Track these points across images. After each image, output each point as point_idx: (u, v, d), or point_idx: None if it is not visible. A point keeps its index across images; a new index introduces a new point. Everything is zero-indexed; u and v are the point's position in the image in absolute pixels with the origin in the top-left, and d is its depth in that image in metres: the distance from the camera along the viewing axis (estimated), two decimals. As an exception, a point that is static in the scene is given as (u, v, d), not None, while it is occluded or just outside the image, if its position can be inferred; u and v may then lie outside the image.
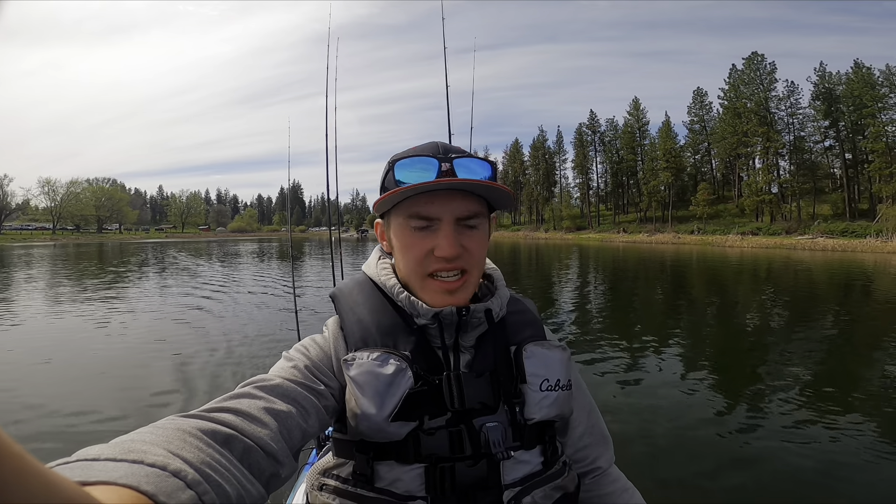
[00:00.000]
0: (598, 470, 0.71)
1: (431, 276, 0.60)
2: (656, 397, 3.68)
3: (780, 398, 3.62)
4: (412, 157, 0.60)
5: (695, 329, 6.57)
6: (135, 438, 0.35)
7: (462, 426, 0.58)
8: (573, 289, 10.96)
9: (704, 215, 40.81)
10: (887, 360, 4.83)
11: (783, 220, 36.37)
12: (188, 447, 0.35)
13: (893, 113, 32.96)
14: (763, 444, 2.87)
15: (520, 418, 0.60)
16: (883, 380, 4.19)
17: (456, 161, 0.59)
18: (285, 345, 2.76)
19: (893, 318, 6.97)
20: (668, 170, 44.34)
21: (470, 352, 0.62)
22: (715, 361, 4.83)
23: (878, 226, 28.79)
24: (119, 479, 0.27)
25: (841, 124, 35.94)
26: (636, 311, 8.13)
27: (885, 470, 2.55)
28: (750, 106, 38.99)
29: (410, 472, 0.57)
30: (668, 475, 2.51)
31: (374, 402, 0.55)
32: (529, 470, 0.60)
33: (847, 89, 34.73)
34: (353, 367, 0.57)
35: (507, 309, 0.66)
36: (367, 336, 0.61)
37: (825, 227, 32.13)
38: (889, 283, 11.60)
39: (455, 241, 0.58)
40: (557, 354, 0.64)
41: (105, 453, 0.30)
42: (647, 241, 38.24)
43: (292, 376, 0.55)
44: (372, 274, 0.68)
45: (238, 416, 0.44)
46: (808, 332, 6.20)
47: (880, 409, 3.43)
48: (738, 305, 8.73)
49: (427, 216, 0.58)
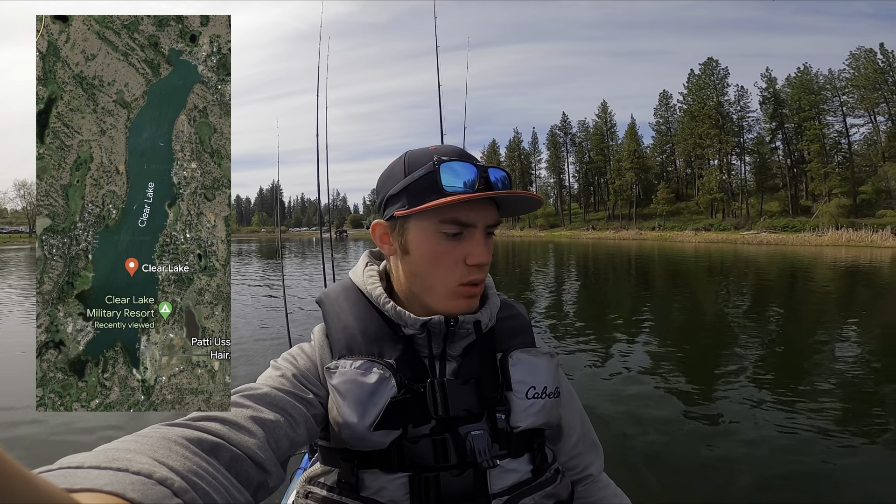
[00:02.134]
0: (590, 477, 0.71)
1: (463, 285, 0.59)
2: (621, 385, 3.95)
3: (733, 379, 4.01)
4: (458, 162, 0.57)
5: (642, 317, 7.25)
6: (119, 447, 0.34)
7: (447, 434, 0.57)
8: (544, 285, 11.62)
9: (664, 213, 43.94)
10: (810, 338, 5.64)
11: (733, 217, 39.43)
12: (174, 455, 0.35)
13: (832, 116, 36.39)
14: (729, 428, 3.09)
15: (506, 426, 0.59)
16: (815, 355, 4.84)
17: (489, 170, 0.58)
18: (277, 344, 3.67)
19: (817, 304, 8.25)
20: (633, 170, 47.24)
21: (457, 360, 0.62)
22: (665, 349, 5.20)
23: (814, 221, 31.99)
24: (104, 487, 0.27)
25: (786, 126, 39.20)
26: (588, 304, 8.84)
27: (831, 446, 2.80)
28: (705, 109, 42.01)
29: (395, 481, 0.56)
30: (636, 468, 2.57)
31: (356, 411, 0.55)
32: (518, 478, 0.59)
33: (792, 94, 37.97)
34: (336, 375, 0.57)
35: (498, 316, 0.66)
36: (351, 343, 0.60)
37: (769, 223, 35.11)
38: (801, 272, 13.86)
39: (488, 248, 0.58)
40: (544, 362, 0.64)
41: (88, 461, 0.30)
42: (612, 237, 40.80)
43: (280, 385, 0.54)
44: (358, 281, 0.67)
45: (225, 425, 0.43)
46: (736, 316, 7.19)
47: (806, 379, 3.96)
48: (675, 293, 10.03)
49: (465, 223, 0.57)
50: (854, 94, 35.03)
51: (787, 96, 38.46)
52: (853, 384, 3.96)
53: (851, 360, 4.65)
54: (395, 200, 0.59)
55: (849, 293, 9.75)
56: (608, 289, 11.32)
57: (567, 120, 57.64)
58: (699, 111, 42.46)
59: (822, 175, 35.31)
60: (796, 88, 37.39)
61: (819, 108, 36.24)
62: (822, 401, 3.54)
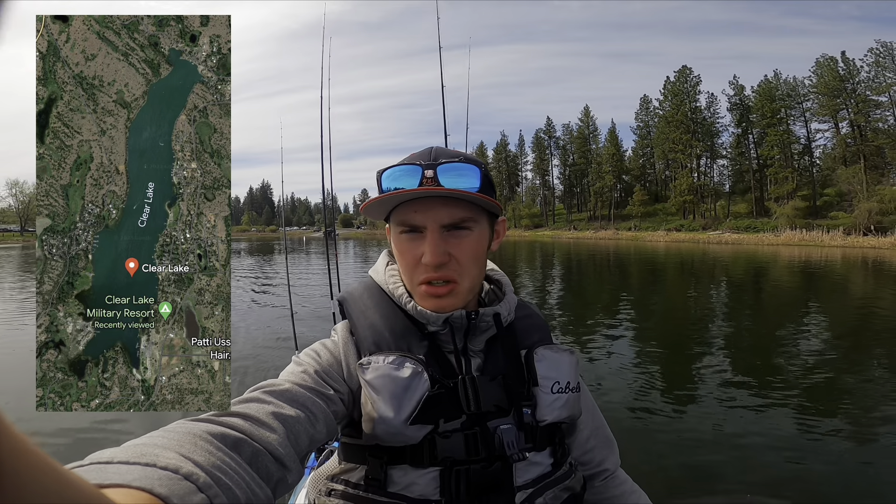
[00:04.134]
0: (606, 472, 0.73)
1: (423, 284, 0.61)
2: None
3: (700, 368, 4.38)
4: (396, 167, 0.60)
5: (601, 307, 7.96)
6: (146, 442, 0.35)
7: (477, 429, 0.59)
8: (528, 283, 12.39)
9: (640, 214, 45.96)
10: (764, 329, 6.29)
11: (702, 218, 41.38)
12: (199, 450, 0.35)
13: (798, 122, 38.49)
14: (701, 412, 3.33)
15: (531, 420, 0.61)
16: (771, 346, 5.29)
17: (440, 168, 0.58)
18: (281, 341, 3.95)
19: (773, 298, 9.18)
20: (612, 173, 49.03)
21: (480, 356, 0.64)
22: (630, 339, 5.63)
23: (773, 223, 34.06)
24: (133, 482, 0.28)
25: (753, 131, 41.16)
26: (560, 299, 9.52)
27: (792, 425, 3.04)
28: (678, 115, 43.80)
29: (425, 476, 0.57)
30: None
31: (392, 406, 0.56)
32: (541, 471, 0.61)
33: (756, 101, 39.98)
34: (370, 370, 0.58)
35: (516, 314, 0.68)
36: (380, 340, 0.61)
37: (734, 224, 37.19)
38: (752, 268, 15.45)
39: (438, 248, 0.58)
40: (566, 358, 0.66)
41: (118, 456, 0.31)
42: (591, 237, 42.49)
43: (302, 381, 0.55)
44: (380, 280, 0.68)
45: (247, 420, 0.44)
46: (686, 305, 8.12)
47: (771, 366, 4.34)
48: (630, 287, 11.17)
49: (412, 224, 0.59)
50: (816, 101, 36.95)
51: (753, 103, 40.43)
52: (796, 368, 4.43)
53: (790, 347, 5.26)
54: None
55: (788, 282, 11.24)
56: (586, 283, 12.39)
57: (551, 123, 58.66)
58: (672, 117, 44.29)
59: (781, 179, 37.61)
60: (760, 96, 39.43)
61: (780, 115, 38.41)
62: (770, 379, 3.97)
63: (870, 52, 33.40)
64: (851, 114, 34.44)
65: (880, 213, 28.64)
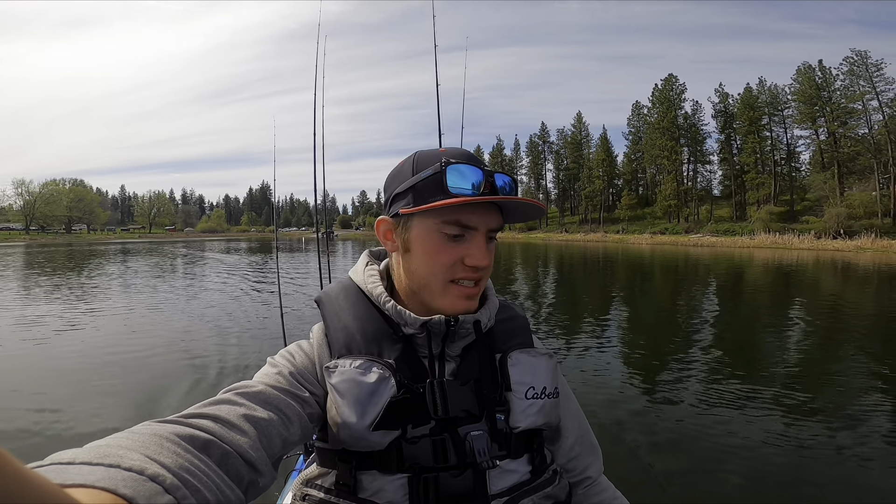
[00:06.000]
0: (589, 480, 0.71)
1: (453, 282, 0.59)
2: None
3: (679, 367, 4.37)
4: (466, 164, 0.57)
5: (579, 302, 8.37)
6: (110, 443, 0.34)
7: (446, 435, 0.57)
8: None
9: (627, 217, 47.86)
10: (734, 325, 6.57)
11: (685, 222, 43.02)
12: (165, 452, 0.35)
13: (780, 128, 40.02)
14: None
15: (505, 427, 0.60)
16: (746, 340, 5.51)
17: (495, 175, 0.58)
18: (271, 342, 4.23)
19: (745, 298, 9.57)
20: (602, 178, 50.98)
21: (456, 360, 0.62)
22: (608, 337, 5.70)
23: (750, 227, 35.58)
24: (96, 483, 0.27)
25: (737, 138, 42.76)
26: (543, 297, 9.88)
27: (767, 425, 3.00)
28: (664, 122, 45.51)
29: (394, 482, 0.56)
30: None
31: (356, 411, 0.55)
32: (517, 479, 0.60)
33: (737, 110, 41.60)
34: (335, 374, 0.57)
35: (497, 317, 0.67)
36: (351, 343, 0.60)
37: (714, 227, 38.75)
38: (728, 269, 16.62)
39: (487, 251, 0.58)
40: (543, 362, 0.65)
41: (80, 457, 0.30)
42: (580, 239, 44.03)
43: (276, 382, 0.54)
44: (359, 281, 0.66)
45: (216, 422, 0.43)
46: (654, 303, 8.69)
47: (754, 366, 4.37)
48: (601, 286, 11.98)
49: (467, 225, 0.57)
50: (796, 109, 38.33)
51: (736, 111, 42.12)
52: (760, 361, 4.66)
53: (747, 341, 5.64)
54: (400, 198, 0.60)
55: (756, 281, 12.09)
56: (576, 280, 13.22)
57: (546, 129, 60.63)
58: (658, 123, 46.10)
59: (757, 184, 39.46)
60: (742, 104, 41.15)
61: (760, 122, 40.06)
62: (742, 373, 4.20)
63: (845, 61, 34.64)
64: (826, 121, 35.66)
65: (849, 217, 29.99)
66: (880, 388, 3.81)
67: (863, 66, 33.59)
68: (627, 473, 2.44)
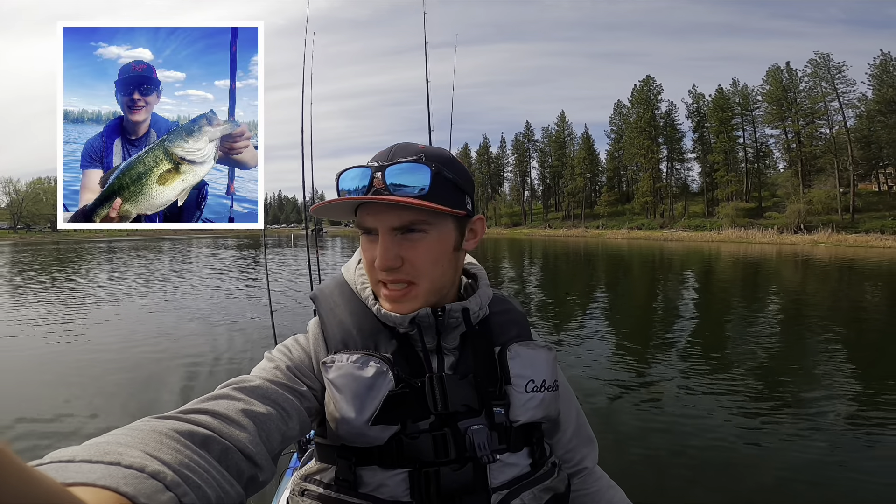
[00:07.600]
0: (584, 470, 0.73)
1: (382, 283, 0.60)
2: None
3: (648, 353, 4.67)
4: (351, 169, 0.59)
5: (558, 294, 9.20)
6: (109, 441, 0.34)
7: (446, 429, 0.57)
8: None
9: (607, 214, 49.79)
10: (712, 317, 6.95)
11: (660, 218, 44.85)
12: (165, 448, 0.35)
13: (749, 127, 41.92)
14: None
15: (505, 420, 0.60)
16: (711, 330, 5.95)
17: (388, 169, 0.56)
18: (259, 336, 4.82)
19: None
20: (583, 175, 52.61)
21: (454, 353, 0.62)
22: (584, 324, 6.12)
23: (717, 222, 37.50)
24: (97, 481, 0.27)
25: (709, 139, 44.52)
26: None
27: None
28: (641, 122, 47.14)
29: (394, 477, 0.56)
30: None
31: (354, 406, 0.55)
32: (517, 472, 0.60)
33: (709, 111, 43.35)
34: (332, 369, 0.57)
35: (491, 309, 0.66)
36: (347, 338, 0.60)
37: (685, 223, 40.65)
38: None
39: (388, 252, 0.56)
40: (543, 355, 0.65)
41: (80, 455, 0.30)
42: (562, 234, 45.91)
43: (274, 377, 0.54)
44: (349, 278, 0.67)
45: (215, 418, 0.43)
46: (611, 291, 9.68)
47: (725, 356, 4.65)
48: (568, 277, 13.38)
49: (365, 227, 0.59)
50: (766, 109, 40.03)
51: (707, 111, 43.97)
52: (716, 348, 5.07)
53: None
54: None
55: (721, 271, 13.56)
56: (560, 275, 14.11)
57: (530, 127, 62.11)
58: (637, 123, 47.73)
59: (725, 182, 41.43)
60: (713, 105, 42.95)
61: (731, 123, 41.91)
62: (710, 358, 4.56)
63: (808, 64, 36.35)
64: (792, 121, 37.41)
65: (809, 213, 31.87)
66: (841, 371, 4.19)
67: (825, 68, 35.24)
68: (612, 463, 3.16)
